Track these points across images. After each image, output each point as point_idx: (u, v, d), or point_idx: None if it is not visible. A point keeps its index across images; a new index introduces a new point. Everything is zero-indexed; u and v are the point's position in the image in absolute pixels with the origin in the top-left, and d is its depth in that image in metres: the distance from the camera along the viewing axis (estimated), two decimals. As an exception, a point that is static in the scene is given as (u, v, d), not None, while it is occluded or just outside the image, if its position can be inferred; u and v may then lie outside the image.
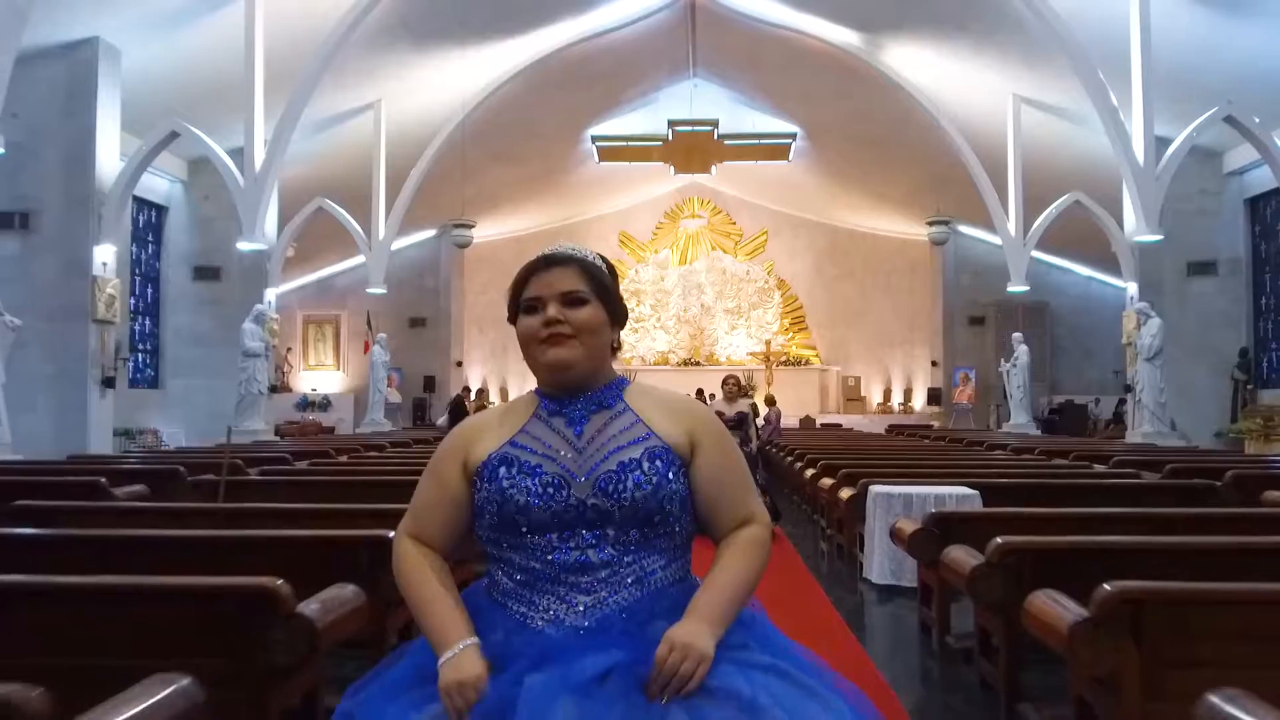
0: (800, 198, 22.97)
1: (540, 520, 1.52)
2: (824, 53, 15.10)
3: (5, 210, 10.58)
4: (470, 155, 16.27)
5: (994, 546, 2.71)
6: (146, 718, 1.60)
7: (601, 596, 1.51)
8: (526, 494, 1.52)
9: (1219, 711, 1.44)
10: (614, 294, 1.65)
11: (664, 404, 1.65)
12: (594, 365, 1.61)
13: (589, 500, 1.52)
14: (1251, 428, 13.05)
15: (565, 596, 1.51)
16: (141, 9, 10.70)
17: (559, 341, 1.58)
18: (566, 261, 1.62)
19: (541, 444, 1.58)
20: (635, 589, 1.52)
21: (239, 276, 14.39)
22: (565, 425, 1.60)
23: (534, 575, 1.53)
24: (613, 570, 1.52)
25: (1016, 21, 11.51)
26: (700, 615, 1.47)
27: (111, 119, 10.99)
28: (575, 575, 1.52)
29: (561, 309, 1.58)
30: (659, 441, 1.58)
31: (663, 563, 1.56)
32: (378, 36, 12.41)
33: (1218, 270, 14.17)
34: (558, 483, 1.53)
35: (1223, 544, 2.74)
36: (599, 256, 1.69)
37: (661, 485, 1.53)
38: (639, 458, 1.55)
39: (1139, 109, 10.74)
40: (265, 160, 11.07)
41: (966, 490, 4.52)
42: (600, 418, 1.60)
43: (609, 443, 1.57)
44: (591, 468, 1.54)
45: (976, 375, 20.68)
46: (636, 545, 1.54)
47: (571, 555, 1.52)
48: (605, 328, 1.62)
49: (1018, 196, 14.60)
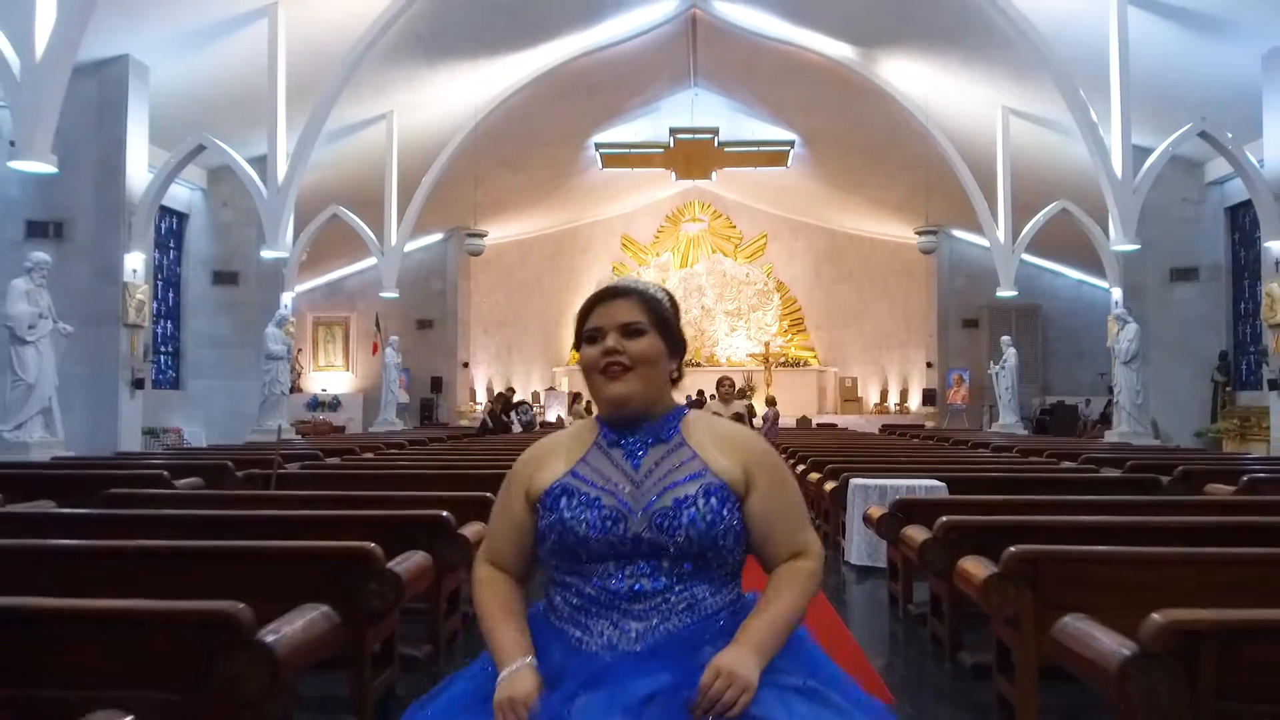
0: (799, 202, 23.50)
1: (598, 550, 1.57)
2: (820, 65, 15.63)
3: (41, 220, 11.12)
4: (477, 161, 16.82)
5: (939, 524, 3.27)
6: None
7: (653, 624, 1.55)
8: (586, 526, 1.57)
9: (1067, 627, 1.87)
10: (673, 326, 1.70)
11: (721, 438, 1.68)
12: (651, 397, 1.66)
13: (645, 535, 1.56)
14: (1228, 428, 13.62)
15: (619, 623, 1.56)
16: (169, 28, 11.24)
17: (616, 375, 1.63)
18: (627, 293, 1.68)
19: (601, 475, 1.63)
20: (686, 615, 1.56)
21: (256, 281, 14.97)
22: (623, 458, 1.64)
23: (589, 601, 1.58)
24: (664, 598, 1.57)
25: (1004, 38, 12.05)
26: (748, 644, 1.50)
27: (140, 132, 11.53)
28: (629, 603, 1.56)
29: (620, 340, 1.63)
30: (714, 479, 1.61)
31: (713, 590, 1.60)
32: (391, 51, 12.95)
33: (1199, 276, 14.70)
34: (615, 516, 1.58)
35: (1119, 522, 3.29)
36: (662, 289, 1.75)
37: (716, 522, 1.57)
38: (694, 494, 1.58)
39: (1117, 125, 11.28)
40: (287, 172, 11.62)
41: (935, 482, 5.07)
42: (657, 451, 1.64)
43: (665, 477, 1.61)
44: (648, 503, 1.59)
45: (970, 376, 21.18)
46: (689, 576, 1.58)
47: (626, 584, 1.57)
48: (663, 358, 1.66)
49: (1006, 204, 15.13)
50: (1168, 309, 14.80)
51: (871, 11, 13.67)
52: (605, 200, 23.70)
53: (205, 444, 12.95)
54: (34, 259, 8.63)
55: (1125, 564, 2.47)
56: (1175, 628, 1.70)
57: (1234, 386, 14.30)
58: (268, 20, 11.40)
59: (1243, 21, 10.91)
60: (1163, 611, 1.75)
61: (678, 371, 1.71)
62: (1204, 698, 1.68)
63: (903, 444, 10.85)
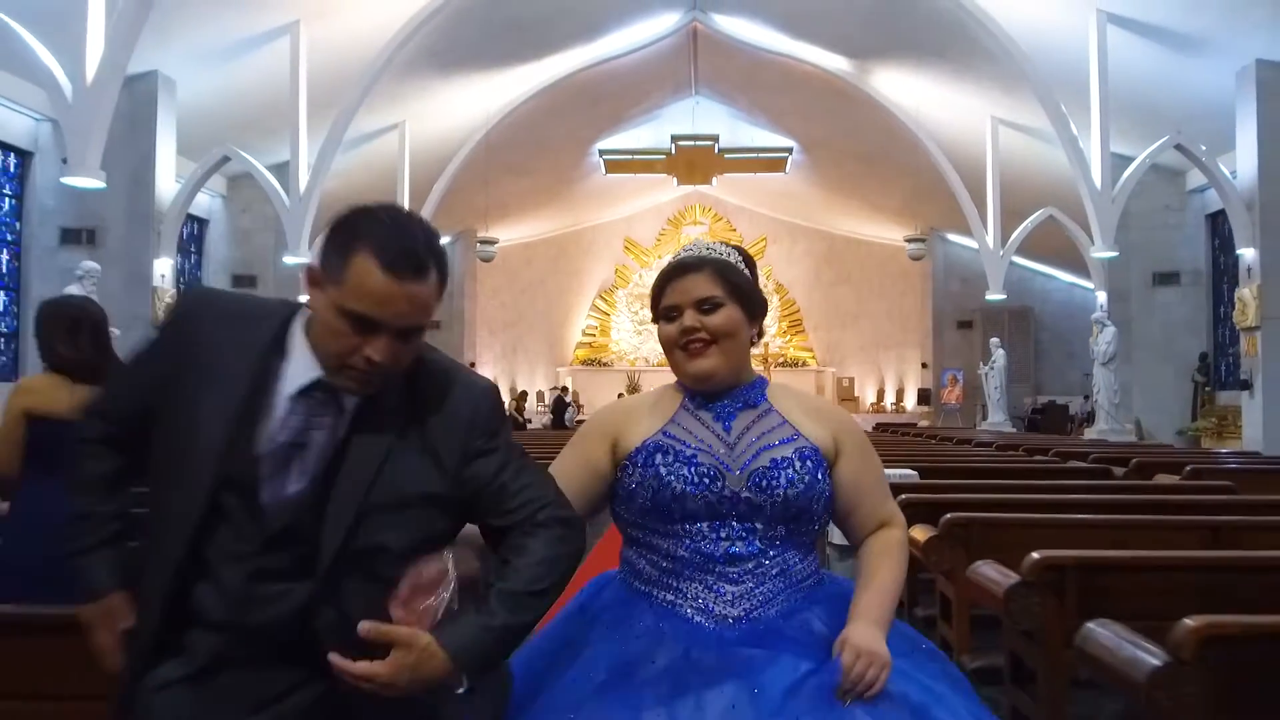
0: (798, 206, 24.08)
1: (694, 509, 1.56)
2: (816, 76, 16.22)
3: (74, 227, 11.73)
4: (485, 168, 17.42)
5: (899, 499, 3.86)
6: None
7: (749, 587, 1.55)
8: (684, 482, 1.55)
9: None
10: (750, 291, 1.66)
11: (807, 406, 1.69)
12: (735, 367, 1.65)
13: (743, 493, 1.56)
14: (1207, 426, 14.21)
15: (713, 586, 1.55)
16: (195, 44, 11.82)
17: (698, 352, 1.61)
18: (700, 266, 1.63)
19: (694, 436, 1.61)
20: (779, 581, 1.56)
21: (274, 284, 15.56)
22: (714, 420, 1.64)
23: (681, 564, 1.56)
24: (759, 563, 1.56)
25: (991, 53, 12.63)
26: (870, 619, 1.51)
27: (168, 144, 12.11)
28: (724, 566, 1.55)
29: (698, 316, 1.61)
30: (808, 442, 1.61)
31: (801, 556, 1.60)
32: (405, 64, 13.54)
33: (1180, 281, 15.28)
34: (713, 473, 1.56)
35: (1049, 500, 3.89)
36: (734, 250, 1.69)
37: (813, 485, 1.58)
38: (791, 456, 1.59)
39: (1096, 138, 11.86)
40: (309, 181, 12.22)
41: (909, 471, 5.66)
42: (747, 415, 1.64)
43: (759, 440, 1.61)
44: (745, 463, 1.58)
45: (964, 377, 21.74)
46: (782, 540, 1.58)
47: (721, 546, 1.55)
48: (743, 327, 1.64)
49: (995, 211, 15.71)
50: (1151, 312, 15.40)
51: (865, 26, 14.25)
52: (608, 204, 24.28)
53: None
54: (84, 268, 9.26)
55: (1026, 526, 3.08)
56: (1045, 563, 2.29)
57: (1213, 387, 14.87)
58: (289, 37, 11.98)
59: (1217, 40, 11.48)
60: (1040, 552, 2.34)
61: (761, 331, 1.69)
62: (1069, 614, 2.27)
63: (891, 440, 11.45)
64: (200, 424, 1.33)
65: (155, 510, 1.39)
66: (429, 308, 1.38)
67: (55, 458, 2.69)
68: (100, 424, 1.47)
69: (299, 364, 1.36)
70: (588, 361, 25.36)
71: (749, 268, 1.68)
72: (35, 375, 2.96)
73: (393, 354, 1.33)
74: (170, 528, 1.34)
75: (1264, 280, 11.23)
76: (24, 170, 11.99)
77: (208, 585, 1.33)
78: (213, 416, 1.33)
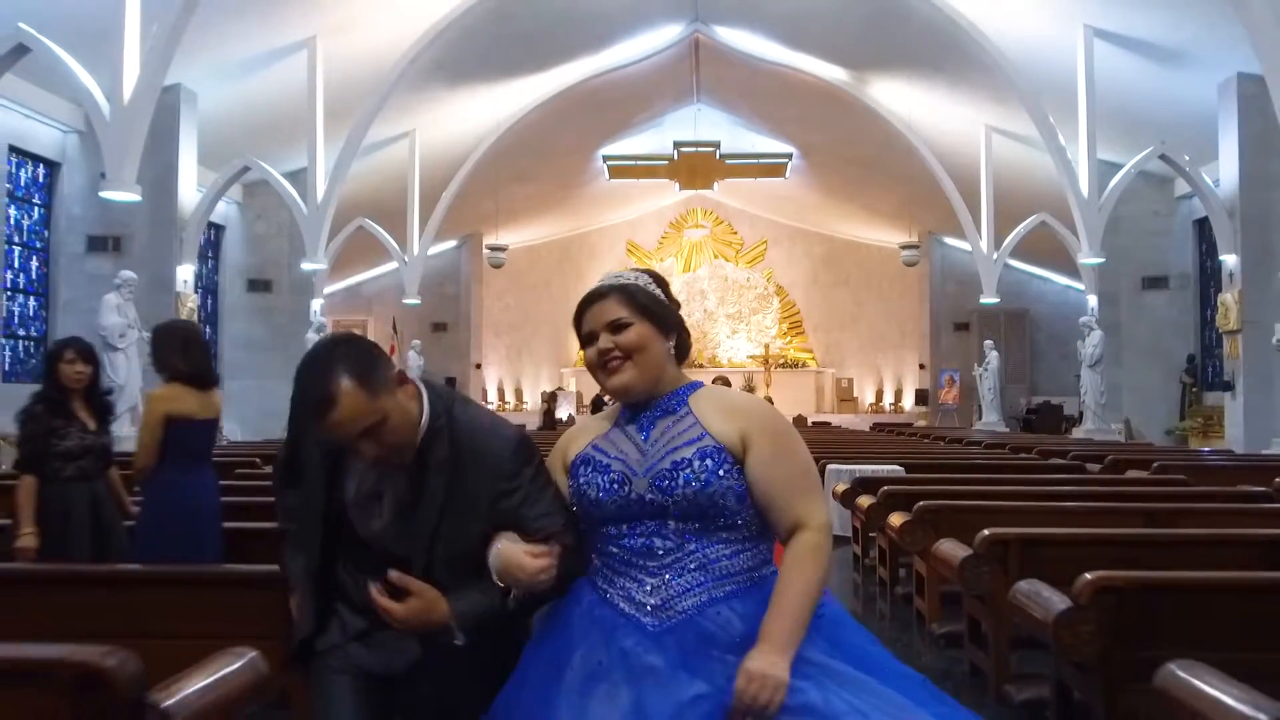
0: (798, 210, 24.51)
1: (609, 512, 1.73)
2: (815, 85, 16.67)
3: (100, 235, 12.20)
4: (491, 174, 17.89)
5: (881, 492, 4.33)
6: None
7: (666, 579, 1.68)
8: (598, 489, 1.74)
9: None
10: (657, 307, 1.81)
11: (724, 406, 1.80)
12: (651, 379, 1.80)
13: (646, 495, 1.71)
14: (1194, 425, 14.65)
15: (636, 577, 1.71)
16: (217, 59, 12.29)
17: (615, 369, 1.78)
18: (607, 293, 1.80)
19: (615, 447, 1.80)
20: (699, 574, 1.68)
21: (288, 288, 16.05)
22: (636, 431, 1.80)
23: (611, 559, 1.75)
24: (676, 557, 1.69)
25: (984, 64, 13.07)
26: (773, 643, 1.57)
27: (190, 154, 12.58)
28: (643, 559, 1.71)
29: (610, 337, 1.77)
30: (711, 441, 1.73)
31: (728, 552, 1.71)
32: (415, 75, 14.01)
33: (1169, 285, 15.73)
34: (621, 479, 1.73)
35: (1012, 490, 4.36)
36: (641, 274, 1.86)
37: (710, 481, 1.68)
38: (690, 456, 1.71)
39: (1084, 147, 12.31)
40: (326, 190, 12.69)
41: (896, 467, 6.13)
42: (665, 422, 1.79)
43: (668, 443, 1.75)
44: (650, 466, 1.73)
45: (960, 378, 22.15)
46: (697, 534, 1.70)
47: (639, 542, 1.71)
48: (654, 341, 1.79)
49: (989, 216, 16.16)
50: (1140, 315, 15.85)
51: (861, 39, 14.71)
52: (611, 207, 24.72)
53: (242, 439, 14.01)
54: (123, 277, 9.77)
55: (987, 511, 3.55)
56: (993, 538, 2.74)
57: (1200, 387, 15.32)
58: (307, 52, 12.45)
59: (1199, 54, 11.93)
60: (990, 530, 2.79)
61: (677, 346, 1.84)
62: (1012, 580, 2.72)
63: (885, 439, 11.90)
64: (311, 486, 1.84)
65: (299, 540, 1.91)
66: (359, 418, 1.68)
67: (187, 450, 3.23)
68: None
69: None
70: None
71: (660, 287, 1.84)
72: (162, 386, 3.58)
73: (372, 449, 1.72)
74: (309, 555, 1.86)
75: (1245, 286, 11.68)
76: (52, 180, 12.47)
77: (349, 580, 1.85)
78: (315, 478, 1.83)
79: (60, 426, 3.44)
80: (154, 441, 3.42)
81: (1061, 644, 2.06)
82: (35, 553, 3.25)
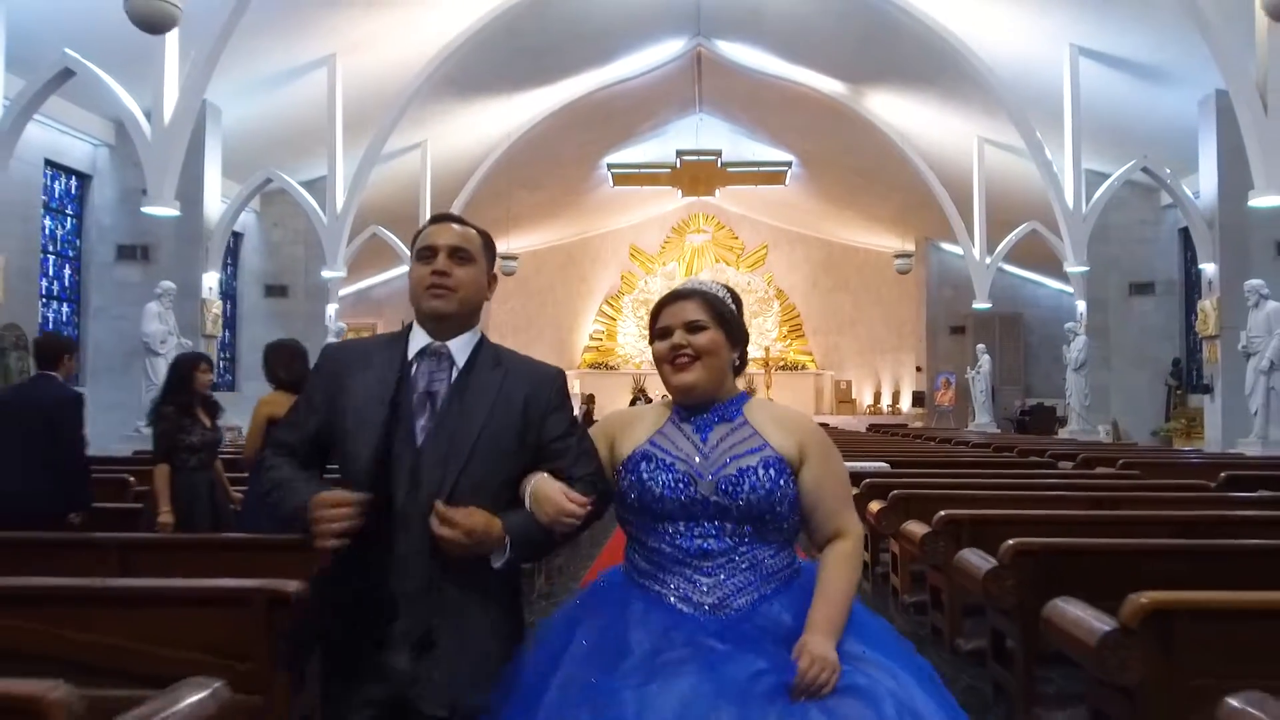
0: (797, 215, 25.08)
1: (671, 509, 1.79)
2: (813, 98, 17.23)
3: (130, 244, 12.78)
4: (498, 182, 18.47)
5: (863, 484, 4.88)
6: None
7: (720, 579, 1.77)
8: (661, 486, 1.80)
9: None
10: (733, 320, 1.91)
11: (778, 419, 1.90)
12: (715, 383, 1.88)
13: (711, 497, 1.78)
14: (1177, 426, 15.20)
15: (691, 577, 1.78)
16: (241, 75, 12.84)
17: (683, 366, 1.86)
18: (691, 295, 1.91)
19: (675, 445, 1.85)
20: (749, 574, 1.78)
21: (304, 293, 16.63)
22: (693, 432, 1.87)
23: (665, 558, 1.80)
24: (729, 558, 1.78)
25: (976, 79, 13.62)
26: (823, 629, 1.71)
27: (215, 166, 13.13)
28: (697, 560, 1.78)
29: (686, 335, 1.86)
30: (773, 452, 1.82)
31: (772, 552, 1.82)
32: (429, 89, 14.58)
33: (1155, 290, 16.29)
34: (686, 479, 1.80)
35: (979, 482, 4.92)
36: (723, 287, 1.97)
37: (774, 490, 1.78)
38: (755, 465, 1.80)
39: (1069, 162, 12.87)
40: (345, 201, 13.27)
41: (882, 463, 6.68)
42: (722, 428, 1.86)
43: (730, 449, 1.83)
44: (715, 470, 1.80)
45: (956, 380, 22.66)
46: (750, 538, 1.79)
47: (695, 543, 1.79)
48: (724, 349, 1.88)
49: (981, 224, 16.71)
50: (1128, 320, 16.41)
51: (858, 54, 15.28)
52: (615, 213, 25.28)
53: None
54: (163, 287, 10.41)
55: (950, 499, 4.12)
56: (948, 518, 3.31)
57: (1185, 390, 15.86)
58: (327, 69, 13.02)
59: (1180, 72, 12.47)
60: (945, 511, 3.36)
61: (740, 360, 1.93)
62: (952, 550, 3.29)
63: (878, 439, 12.47)
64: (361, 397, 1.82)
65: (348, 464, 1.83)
66: (463, 242, 1.90)
67: None
68: (290, 436, 1.92)
69: (415, 340, 1.89)
70: (594, 365, 26.35)
71: (736, 304, 1.97)
72: (270, 393, 4.31)
73: (445, 266, 1.84)
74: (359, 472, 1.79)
75: (1222, 293, 12.21)
76: (83, 192, 13.06)
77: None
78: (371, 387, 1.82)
79: (187, 425, 4.25)
80: (258, 438, 4.18)
81: (989, 596, 2.62)
82: (172, 527, 4.07)
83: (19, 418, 4.12)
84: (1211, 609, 2.38)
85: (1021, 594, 2.61)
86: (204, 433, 4.36)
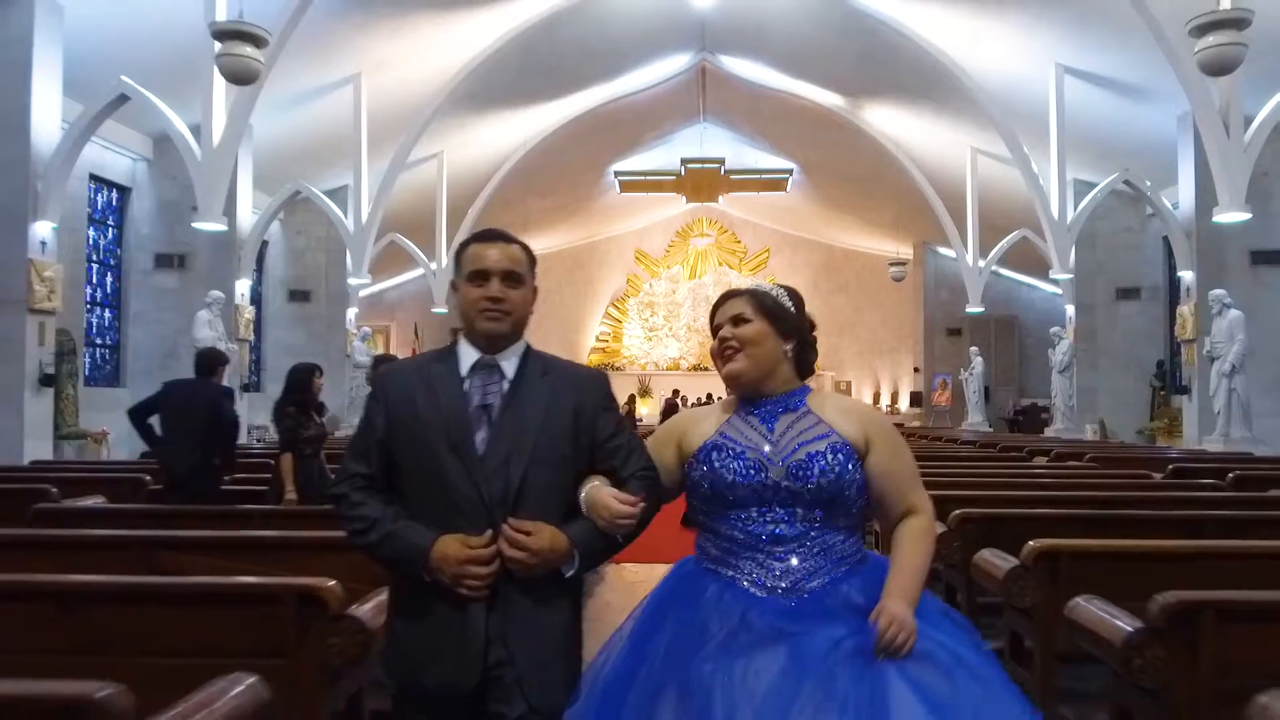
0: (798, 220, 25.78)
1: (743, 496, 1.85)
2: (813, 109, 17.94)
3: (167, 253, 13.52)
4: (509, 188, 19.20)
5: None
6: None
7: (793, 564, 1.82)
8: (733, 474, 1.85)
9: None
10: (780, 312, 1.99)
11: (842, 408, 1.97)
12: (761, 370, 1.95)
13: (783, 482, 1.83)
14: (1160, 426, 15.93)
15: (764, 563, 1.83)
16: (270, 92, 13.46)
17: (729, 357, 1.95)
18: (739, 294, 2.03)
19: (744, 435, 1.91)
20: (820, 558, 1.84)
21: (326, 298, 17.38)
22: (760, 423, 1.93)
23: (737, 544, 1.85)
24: (801, 543, 1.83)
25: (967, 94, 14.33)
26: (900, 595, 1.77)
27: (246, 180, 13.85)
28: (770, 545, 1.83)
29: (731, 329, 1.97)
30: (840, 438, 1.88)
31: (842, 537, 1.87)
32: (445, 104, 15.31)
33: (1141, 295, 17.01)
34: (758, 466, 1.85)
35: (956, 470, 5.65)
36: (780, 288, 2.07)
37: (843, 474, 1.84)
38: (824, 450, 1.85)
39: (1054, 174, 13.60)
40: (370, 211, 14.00)
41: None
42: (788, 418, 1.92)
43: (798, 437, 1.89)
44: (785, 456, 1.86)
45: (953, 381, 23.34)
46: (820, 522, 1.84)
47: (767, 528, 1.84)
48: (769, 339, 1.95)
49: (974, 230, 17.43)
50: (1115, 323, 17.13)
51: (856, 69, 15.99)
52: (621, 217, 25.99)
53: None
54: (213, 296, 11.20)
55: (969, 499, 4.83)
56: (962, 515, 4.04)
57: (1168, 391, 16.58)
58: (352, 87, 13.75)
59: (1160, 90, 13.16)
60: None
61: (798, 355, 2.00)
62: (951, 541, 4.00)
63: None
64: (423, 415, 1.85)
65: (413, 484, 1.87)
66: (513, 262, 1.92)
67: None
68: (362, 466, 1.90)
69: (466, 356, 1.95)
70: (601, 366, 27.09)
71: (793, 301, 2.05)
72: None
73: (497, 290, 1.88)
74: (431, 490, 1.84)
75: (1199, 299, 12.93)
76: (124, 204, 13.80)
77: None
78: (431, 405, 1.85)
79: (305, 421, 5.11)
80: None
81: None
82: (296, 503, 4.93)
83: (190, 414, 5.20)
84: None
85: (965, 554, 3.24)
86: (317, 428, 5.29)
